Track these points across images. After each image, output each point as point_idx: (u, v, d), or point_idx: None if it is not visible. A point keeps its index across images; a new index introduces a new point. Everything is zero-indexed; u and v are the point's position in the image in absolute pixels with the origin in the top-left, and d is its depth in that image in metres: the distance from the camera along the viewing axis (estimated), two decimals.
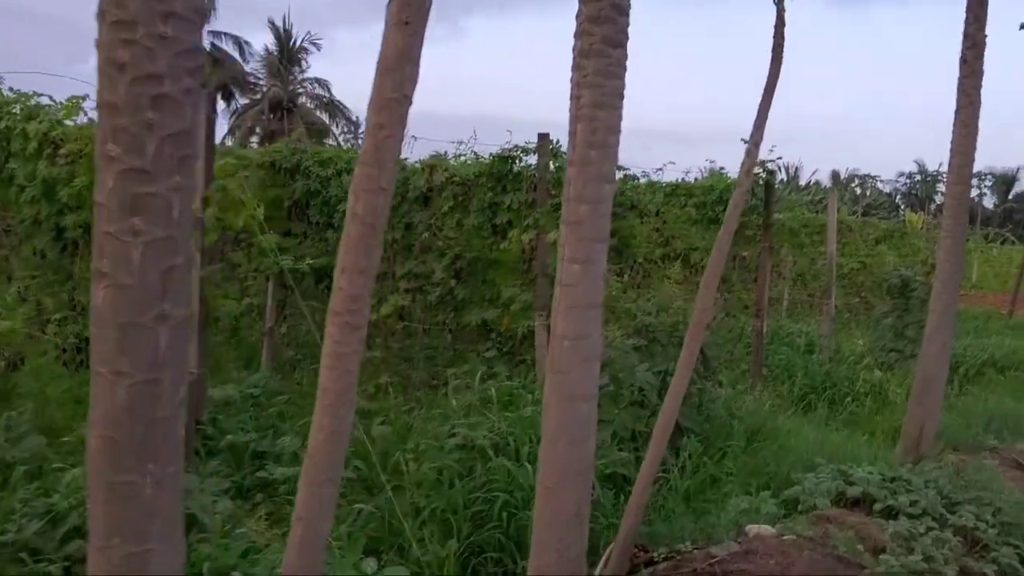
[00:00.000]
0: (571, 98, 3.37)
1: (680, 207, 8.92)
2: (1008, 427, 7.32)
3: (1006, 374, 9.48)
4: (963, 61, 5.94)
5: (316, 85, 55.49)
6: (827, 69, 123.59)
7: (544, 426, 3.39)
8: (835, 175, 78.45)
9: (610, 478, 4.87)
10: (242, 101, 58.40)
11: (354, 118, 64.68)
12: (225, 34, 57.36)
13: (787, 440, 6.06)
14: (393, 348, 7.97)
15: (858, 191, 70.18)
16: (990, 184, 73.47)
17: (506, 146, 7.05)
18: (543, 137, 6.85)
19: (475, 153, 7.50)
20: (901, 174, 76.72)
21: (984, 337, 12.16)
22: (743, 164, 3.27)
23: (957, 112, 5.99)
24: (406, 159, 8.59)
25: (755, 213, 8.36)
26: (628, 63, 3.26)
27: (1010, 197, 72.97)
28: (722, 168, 8.59)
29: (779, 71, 3.24)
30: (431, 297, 7.44)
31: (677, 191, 8.98)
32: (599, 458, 4.85)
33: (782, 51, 3.15)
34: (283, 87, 53.58)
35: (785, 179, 71.34)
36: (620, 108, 3.33)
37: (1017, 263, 28.86)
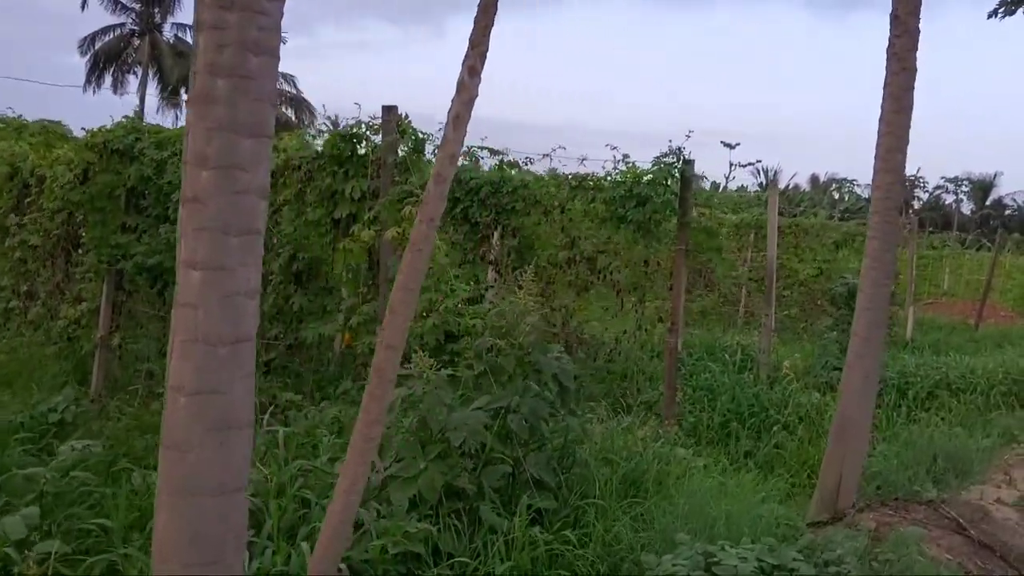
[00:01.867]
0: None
1: (588, 202, 7.68)
2: (955, 468, 6.11)
3: (961, 398, 8.29)
4: (894, 18, 4.71)
5: (282, 80, 53.93)
6: (810, 75, 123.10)
7: (155, 533, 2.11)
8: (814, 179, 77.87)
9: (400, 559, 3.59)
10: None
11: (332, 116, 63.01)
12: (190, 27, 55.76)
13: (674, 492, 4.80)
14: None
15: (836, 195, 69.53)
16: (967, 190, 72.89)
17: (351, 122, 5.77)
18: (389, 110, 5.58)
19: (327, 127, 6.21)
20: None
21: (942, 353, 10.99)
22: (452, 107, 2.01)
23: (886, 84, 4.77)
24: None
25: (668, 210, 7.11)
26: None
27: (987, 203, 72.44)
28: (625, 156, 7.31)
29: None
30: (265, 305, 6.13)
31: (584, 184, 7.73)
32: (382, 535, 3.57)
33: None
34: None
35: (764, 182, 70.59)
36: (275, 14, 2.05)
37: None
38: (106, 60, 53.99)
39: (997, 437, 7.18)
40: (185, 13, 60.88)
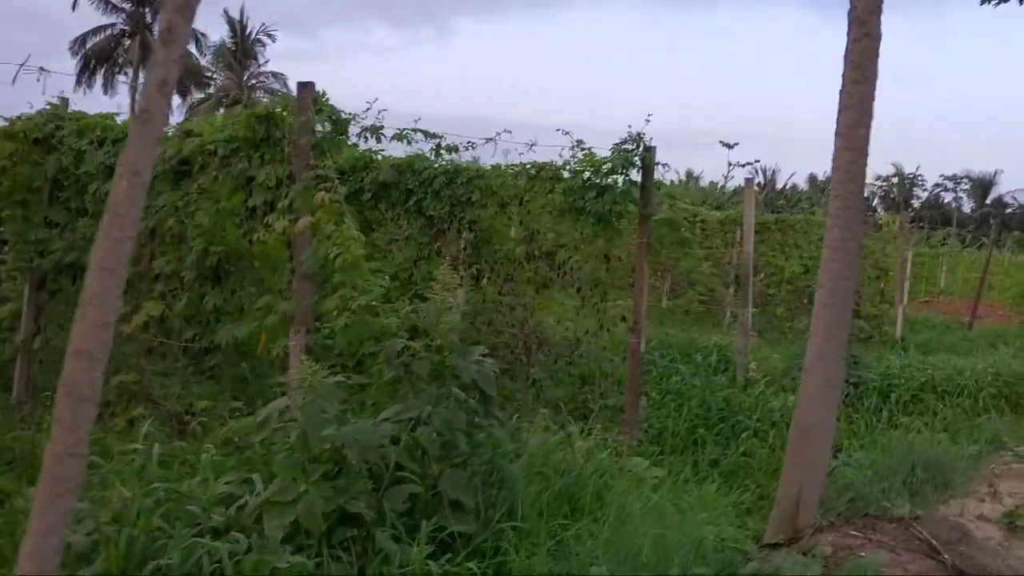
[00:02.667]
0: None
1: (546, 193, 7.16)
2: (936, 479, 5.58)
3: (947, 401, 7.76)
4: None
5: (272, 79, 53.38)
6: (812, 76, 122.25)
7: None
8: (812, 178, 77.36)
9: None
10: (198, 95, 56.32)
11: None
12: None
13: (613, 511, 4.28)
14: (148, 370, 6.15)
15: None
16: (967, 188, 72.33)
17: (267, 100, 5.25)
18: (304, 87, 5.07)
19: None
20: (878, 177, 75.47)
21: (933, 353, 10.47)
22: (161, 17, 1.48)
23: (847, 52, 4.25)
24: None
25: (629, 201, 6.59)
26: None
27: (987, 201, 71.87)
28: (579, 142, 6.75)
29: None
30: (179, 305, 5.63)
31: (543, 173, 7.22)
32: (243, 573, 3.05)
33: None
34: (237, 80, 51.48)
35: (763, 182, 70.03)
36: None
37: (991, 269, 27.36)
38: (97, 61, 53.58)
39: (984, 444, 6.66)
40: None
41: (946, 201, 72.49)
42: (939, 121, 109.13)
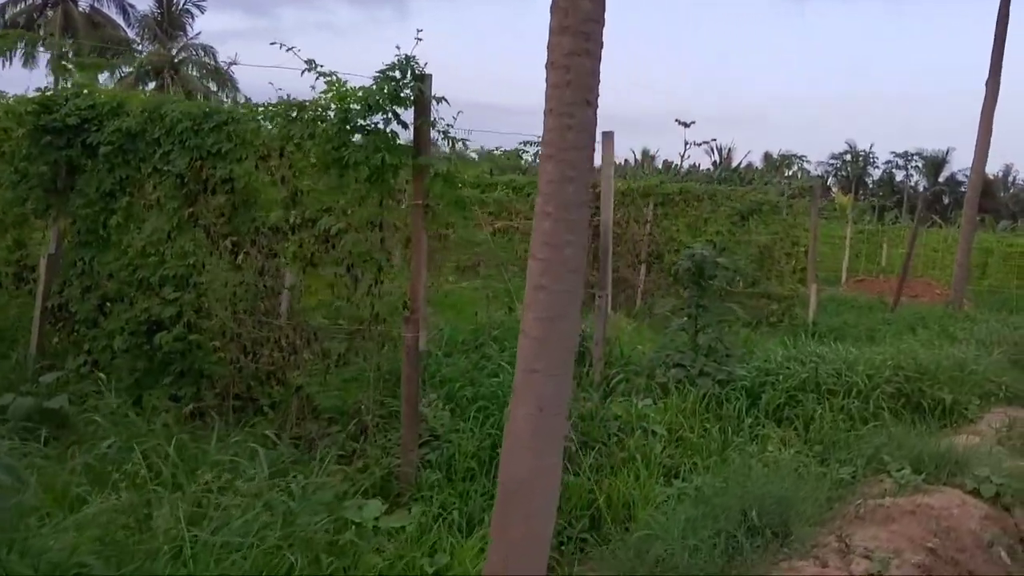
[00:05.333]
0: None
1: (307, 139, 5.45)
2: (771, 526, 4.01)
3: (830, 403, 6.18)
4: None
5: (202, 52, 50.57)
6: (766, 56, 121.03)
7: None
8: (767, 156, 76.53)
9: None
10: (126, 69, 53.47)
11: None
12: None
13: None
14: None
15: (787, 172, 68.18)
16: (920, 166, 71.92)
17: None
18: None
19: None
20: (833, 156, 74.88)
21: (840, 340, 8.93)
22: None
23: None
24: None
25: (393, 148, 4.91)
26: None
27: (940, 180, 71.55)
28: (312, 62, 5.02)
29: None
30: None
31: (303, 115, 5.51)
32: None
33: None
34: (165, 52, 48.70)
35: (717, 160, 68.81)
36: None
37: (935, 246, 26.27)
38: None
39: (861, 465, 5.11)
40: None
41: (899, 179, 72.11)
42: (892, 99, 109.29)
